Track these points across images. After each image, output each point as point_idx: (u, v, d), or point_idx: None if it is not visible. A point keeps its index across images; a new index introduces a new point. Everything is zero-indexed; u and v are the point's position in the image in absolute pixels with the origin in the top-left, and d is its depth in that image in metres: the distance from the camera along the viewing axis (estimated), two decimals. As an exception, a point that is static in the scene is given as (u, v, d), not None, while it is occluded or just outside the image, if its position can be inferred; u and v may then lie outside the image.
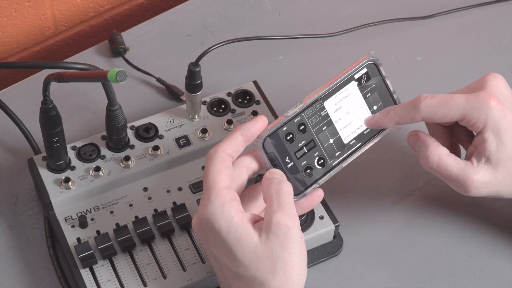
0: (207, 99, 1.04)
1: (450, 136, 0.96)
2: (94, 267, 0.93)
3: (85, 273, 0.92)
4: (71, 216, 0.96)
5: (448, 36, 1.18)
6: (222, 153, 0.86)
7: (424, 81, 1.14)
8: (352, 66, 0.92)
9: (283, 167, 0.88)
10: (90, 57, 1.15)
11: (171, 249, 0.95)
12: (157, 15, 1.20)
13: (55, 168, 0.97)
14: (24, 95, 1.11)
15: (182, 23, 1.19)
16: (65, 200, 0.96)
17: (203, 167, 1.00)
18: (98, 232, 0.95)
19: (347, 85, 0.91)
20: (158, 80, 1.12)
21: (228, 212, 0.83)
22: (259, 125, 0.88)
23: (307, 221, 0.96)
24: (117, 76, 0.81)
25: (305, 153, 0.90)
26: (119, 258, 0.94)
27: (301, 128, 0.89)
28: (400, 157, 1.06)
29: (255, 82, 1.06)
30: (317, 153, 0.90)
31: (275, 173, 0.87)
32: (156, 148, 1.00)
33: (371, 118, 0.92)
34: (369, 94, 0.92)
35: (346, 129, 0.92)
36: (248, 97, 1.05)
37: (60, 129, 0.94)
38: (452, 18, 1.20)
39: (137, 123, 1.02)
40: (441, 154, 0.91)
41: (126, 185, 0.99)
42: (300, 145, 0.89)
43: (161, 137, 1.01)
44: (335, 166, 0.91)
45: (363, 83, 0.92)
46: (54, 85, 0.89)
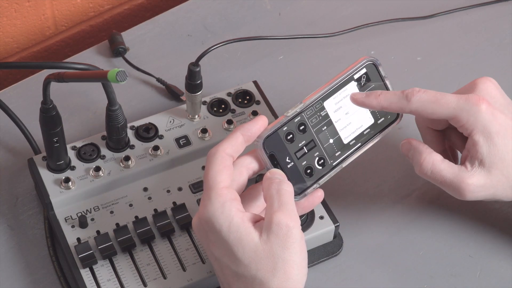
0: (207, 99, 1.04)
1: (443, 141, 0.96)
2: (94, 267, 0.93)
3: (85, 273, 0.92)
4: (71, 216, 0.96)
5: (448, 36, 1.18)
6: (223, 153, 0.86)
7: (424, 81, 1.14)
8: (352, 66, 0.92)
9: (283, 167, 0.88)
10: (90, 57, 1.15)
11: (171, 249, 0.95)
12: (157, 15, 1.20)
13: (55, 168, 0.97)
14: (24, 95, 1.11)
15: (182, 23, 1.19)
16: (65, 200, 0.96)
17: (203, 167, 1.00)
18: (98, 232, 0.95)
19: (347, 85, 0.91)
20: (158, 80, 1.12)
21: (229, 212, 0.83)
22: (259, 125, 0.88)
23: (307, 221, 0.96)
24: (117, 76, 0.81)
25: (305, 153, 0.90)
26: (119, 258, 0.94)
27: (301, 128, 0.89)
28: (400, 157, 1.06)
29: (255, 82, 1.06)
30: (317, 153, 0.90)
31: (276, 173, 0.87)
32: (156, 148, 1.00)
33: (359, 95, 0.91)
34: None
35: (346, 129, 0.92)
36: (248, 97, 1.05)
37: (60, 129, 0.94)
38: (452, 18, 1.20)
39: (137, 123, 1.02)
40: (435, 161, 0.91)
41: (126, 185, 0.99)
42: (300, 145, 0.89)
43: (161, 137, 1.01)
44: (335, 166, 0.91)
45: (363, 83, 0.92)
46: (54, 85, 0.89)
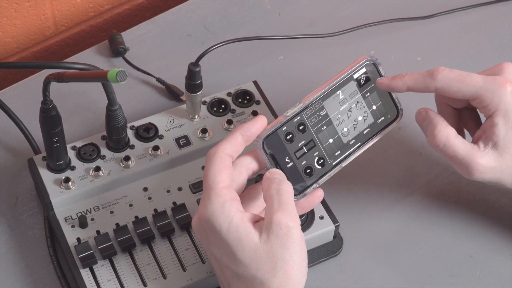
0: (207, 99, 1.04)
1: (458, 120, 0.96)
2: (94, 267, 0.93)
3: (85, 273, 0.92)
4: (71, 216, 0.96)
5: (448, 36, 1.18)
6: (222, 153, 0.86)
7: (424, 81, 1.14)
8: (351, 66, 0.92)
9: (283, 167, 0.88)
10: (90, 57, 1.15)
11: (171, 249, 0.95)
12: (157, 15, 1.20)
13: (55, 168, 0.97)
14: (24, 95, 1.11)
15: (182, 23, 1.19)
16: (65, 200, 0.96)
17: (203, 167, 1.00)
18: (98, 232, 0.95)
19: (346, 85, 0.91)
20: (158, 80, 1.12)
21: (228, 212, 0.83)
22: (259, 125, 0.88)
23: (307, 221, 0.96)
24: (117, 76, 0.81)
25: (305, 153, 0.90)
26: (119, 258, 0.94)
27: (301, 128, 0.89)
28: (400, 157, 1.06)
29: (255, 82, 1.07)
30: (317, 153, 0.90)
31: (275, 173, 0.87)
32: (156, 148, 1.00)
33: (385, 79, 0.92)
34: (368, 94, 0.92)
35: (346, 129, 0.92)
36: (248, 97, 1.05)
37: (60, 129, 0.94)
38: (452, 18, 1.20)
39: (137, 123, 1.02)
40: (449, 135, 0.91)
41: (126, 185, 0.99)
42: (300, 145, 0.89)
43: (161, 137, 1.01)
44: (335, 166, 0.91)
45: (362, 83, 0.92)
46: (54, 85, 0.89)
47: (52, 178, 0.97)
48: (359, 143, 0.92)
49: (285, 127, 0.88)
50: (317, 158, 0.90)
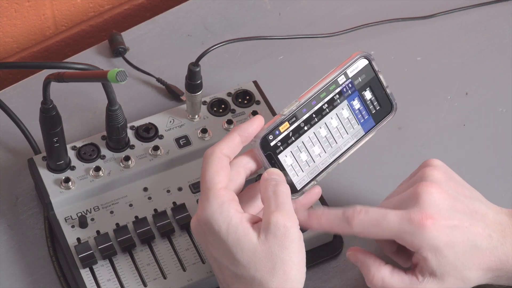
0: (207, 99, 1.04)
1: (395, 241, 0.91)
2: (94, 267, 0.93)
3: (85, 273, 0.92)
4: (71, 216, 0.96)
5: (448, 36, 1.18)
6: (219, 154, 0.86)
7: (424, 81, 1.14)
8: (345, 62, 0.92)
9: (281, 166, 0.88)
10: (90, 57, 1.15)
11: (171, 249, 0.95)
12: (157, 15, 1.20)
13: (55, 168, 0.97)
14: (24, 95, 1.11)
15: (182, 23, 1.19)
16: (65, 200, 0.96)
17: (203, 167, 1.00)
18: (98, 232, 0.95)
19: (341, 81, 0.91)
20: (158, 80, 1.12)
21: (227, 213, 0.83)
22: (256, 125, 0.88)
23: (307, 221, 0.96)
24: (117, 76, 0.81)
25: (302, 151, 0.90)
26: (119, 258, 0.94)
27: (297, 126, 0.89)
28: (400, 157, 1.06)
29: (255, 82, 1.07)
30: (314, 150, 0.90)
31: (273, 173, 0.87)
32: (156, 148, 1.00)
33: (301, 214, 0.89)
34: (363, 90, 0.92)
35: (342, 125, 0.92)
36: (248, 97, 1.05)
37: (60, 129, 0.94)
38: (452, 18, 1.20)
39: (137, 123, 1.02)
40: (384, 276, 0.89)
41: (126, 185, 0.99)
42: (297, 143, 0.89)
43: (161, 137, 1.01)
44: (332, 163, 0.91)
45: (356, 79, 0.92)
46: (54, 85, 0.89)
47: (52, 178, 0.97)
48: (356, 139, 0.92)
49: (282, 126, 0.88)
50: (314, 155, 0.90)
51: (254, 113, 1.04)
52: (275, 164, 0.88)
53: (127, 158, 0.98)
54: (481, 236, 0.88)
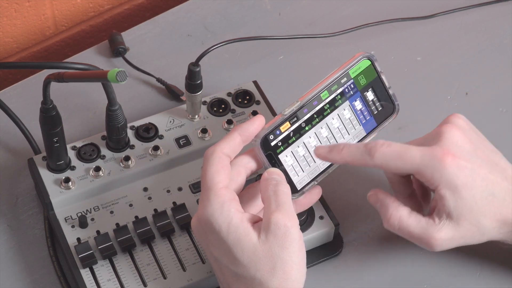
0: (207, 99, 1.04)
1: (410, 185, 0.93)
2: (94, 267, 0.93)
3: (85, 273, 0.92)
4: (71, 216, 0.96)
5: (448, 36, 1.18)
6: (220, 153, 0.86)
7: (424, 81, 1.14)
8: (348, 63, 0.92)
9: (281, 166, 0.88)
10: (90, 57, 1.15)
11: (171, 249, 0.95)
12: (157, 15, 1.20)
13: (55, 168, 0.97)
14: (24, 95, 1.11)
15: (182, 23, 1.19)
16: (65, 200, 0.96)
17: (204, 167, 1.00)
18: (98, 232, 0.95)
19: (343, 82, 0.91)
20: (158, 80, 1.12)
21: (228, 212, 0.83)
22: (257, 125, 0.88)
23: (307, 221, 0.96)
24: (117, 76, 0.81)
25: (303, 151, 0.90)
26: (119, 258, 0.94)
27: (298, 126, 0.89)
28: (400, 157, 1.06)
29: (255, 82, 1.07)
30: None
31: (273, 173, 0.87)
32: (156, 148, 1.00)
33: (322, 150, 0.90)
34: (365, 90, 0.93)
35: (343, 126, 0.92)
36: (248, 97, 1.05)
37: (60, 129, 0.94)
38: (452, 18, 1.20)
39: (137, 123, 1.02)
40: (401, 216, 0.89)
41: (126, 185, 0.99)
42: (298, 143, 0.89)
43: (161, 137, 1.01)
44: (333, 163, 0.91)
45: (359, 79, 0.92)
46: (54, 85, 0.89)
47: (52, 178, 0.97)
48: (357, 140, 0.93)
49: (283, 126, 0.88)
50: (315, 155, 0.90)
51: (254, 113, 1.04)
52: (276, 164, 0.88)
53: (127, 158, 0.98)
54: (500, 187, 0.88)
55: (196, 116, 1.03)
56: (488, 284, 0.96)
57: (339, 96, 0.91)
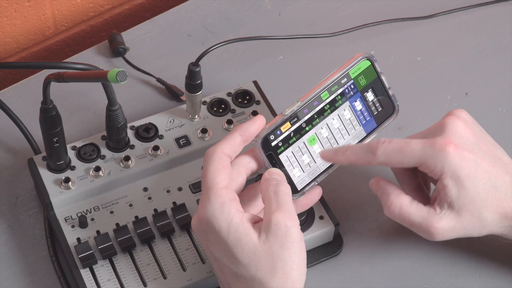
0: (207, 99, 1.04)
1: (416, 176, 0.94)
2: (94, 267, 0.93)
3: (85, 273, 0.92)
4: (71, 216, 0.96)
5: (448, 36, 1.18)
6: (220, 153, 0.86)
7: (424, 81, 1.14)
8: (348, 63, 0.92)
9: (281, 166, 0.88)
10: (90, 57, 1.15)
11: (171, 249, 0.95)
12: (157, 15, 1.20)
13: (55, 168, 0.97)
14: (24, 95, 1.11)
15: (182, 23, 1.19)
16: (65, 200, 0.96)
17: (203, 167, 1.00)
18: (98, 232, 0.95)
19: (343, 82, 0.91)
20: (158, 80, 1.12)
21: (228, 212, 0.83)
22: (257, 125, 0.88)
23: (307, 221, 0.96)
24: (117, 76, 0.81)
25: (303, 151, 0.90)
26: (119, 258, 0.94)
27: (299, 126, 0.89)
28: (400, 157, 1.06)
29: (255, 82, 1.07)
30: (315, 151, 0.90)
31: (274, 173, 0.87)
32: (156, 148, 1.00)
33: (328, 152, 0.90)
34: (365, 91, 0.93)
35: (344, 126, 0.92)
36: (248, 97, 1.05)
37: (60, 129, 0.94)
38: (452, 18, 1.20)
39: (137, 123, 1.02)
40: (402, 204, 0.90)
41: (126, 185, 0.99)
42: (298, 143, 0.89)
43: (161, 137, 1.01)
44: (333, 164, 0.91)
45: (359, 80, 0.92)
46: (54, 85, 0.89)
47: (52, 178, 0.97)
48: (357, 140, 0.93)
49: (283, 126, 0.88)
50: (315, 156, 0.90)
51: (254, 113, 1.04)
52: (276, 164, 0.88)
53: (127, 158, 0.98)
54: (502, 180, 0.89)
55: (196, 116, 1.03)
56: (488, 284, 0.96)
57: (339, 97, 0.91)
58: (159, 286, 0.92)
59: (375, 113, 0.93)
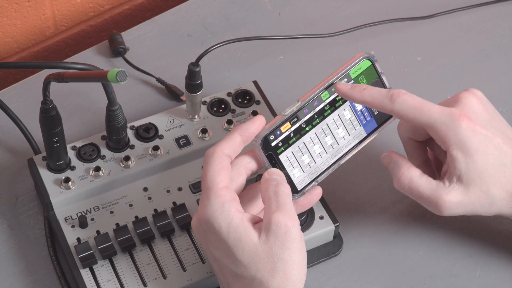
0: (207, 99, 1.04)
1: (425, 152, 0.95)
2: (94, 267, 0.93)
3: (85, 273, 0.92)
4: (71, 216, 0.96)
5: (448, 36, 1.18)
6: (220, 153, 0.86)
7: (424, 81, 1.14)
8: (348, 64, 0.92)
9: (281, 166, 0.88)
10: (90, 57, 1.15)
11: (171, 249, 0.95)
12: (157, 15, 1.20)
13: (55, 168, 0.97)
14: (24, 95, 1.11)
15: (182, 23, 1.19)
16: (65, 200, 0.96)
17: (203, 167, 1.00)
18: (98, 232, 0.95)
19: (344, 83, 0.91)
20: (158, 80, 1.12)
21: (228, 212, 0.83)
22: (257, 125, 0.88)
23: (307, 221, 0.96)
24: (117, 76, 0.81)
25: (303, 151, 0.90)
26: (119, 258, 0.94)
27: (299, 127, 0.89)
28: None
29: (255, 82, 1.07)
30: (315, 151, 0.90)
31: (274, 174, 0.87)
32: (156, 148, 1.00)
33: (344, 86, 0.90)
34: None
35: (343, 127, 0.92)
36: (248, 97, 1.05)
37: (60, 129, 0.94)
38: (452, 18, 1.20)
39: (137, 123, 1.02)
40: (412, 176, 0.90)
41: (126, 185, 0.99)
42: (298, 144, 0.89)
43: (161, 137, 1.01)
44: (333, 164, 0.91)
45: (359, 80, 0.92)
46: (54, 85, 0.89)
47: (52, 178, 0.97)
48: (357, 141, 0.93)
49: (283, 126, 0.88)
50: (315, 156, 0.90)
51: (254, 113, 1.04)
52: (276, 164, 0.88)
53: (127, 158, 0.98)
54: None
55: (196, 116, 1.03)
56: (488, 284, 0.97)
57: (340, 97, 0.91)
58: (159, 286, 0.92)
59: (376, 113, 0.93)
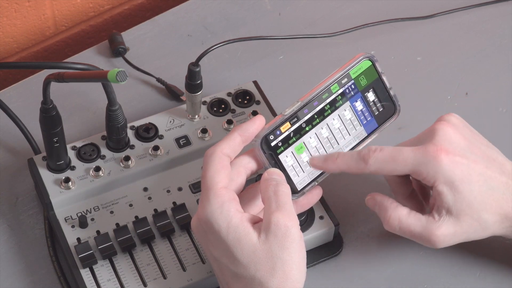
0: (207, 99, 1.04)
1: (409, 185, 0.94)
2: (94, 267, 0.93)
3: (85, 273, 0.92)
4: (71, 216, 0.96)
5: (448, 36, 1.18)
6: (220, 153, 0.86)
7: (424, 81, 1.14)
8: (348, 64, 0.92)
9: (281, 166, 0.88)
10: (90, 57, 1.15)
11: (171, 249, 0.95)
12: (157, 15, 1.20)
13: (55, 168, 0.97)
14: (24, 95, 1.11)
15: (182, 23, 1.19)
16: (65, 200, 0.96)
17: (204, 167, 1.00)
18: (98, 232, 0.95)
19: (344, 83, 0.91)
20: (158, 80, 1.12)
21: (227, 212, 0.83)
22: (257, 125, 0.88)
23: (307, 221, 0.96)
24: (117, 76, 0.81)
25: (303, 151, 0.90)
26: (119, 258, 0.94)
27: (299, 127, 0.89)
28: (400, 157, 1.06)
29: (255, 82, 1.07)
30: (315, 151, 0.90)
31: (274, 174, 0.87)
32: (156, 148, 1.00)
33: (317, 160, 0.90)
34: (366, 91, 0.93)
35: (344, 127, 0.92)
36: (248, 97, 1.05)
37: (60, 129, 0.94)
38: (452, 18, 1.20)
39: (137, 123, 1.02)
40: (401, 216, 0.89)
41: (126, 185, 0.99)
42: (298, 144, 0.89)
43: (161, 137, 1.01)
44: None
45: (360, 80, 0.92)
46: (54, 85, 0.89)
47: (52, 178, 0.97)
48: (358, 141, 0.93)
49: (283, 126, 0.88)
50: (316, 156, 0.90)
51: (254, 113, 1.04)
52: (276, 164, 0.88)
53: (127, 158, 0.98)
54: (498, 181, 0.88)
55: (196, 116, 1.03)
56: (488, 284, 0.96)
57: (340, 97, 0.91)
58: (159, 286, 0.92)
59: (376, 113, 0.93)
